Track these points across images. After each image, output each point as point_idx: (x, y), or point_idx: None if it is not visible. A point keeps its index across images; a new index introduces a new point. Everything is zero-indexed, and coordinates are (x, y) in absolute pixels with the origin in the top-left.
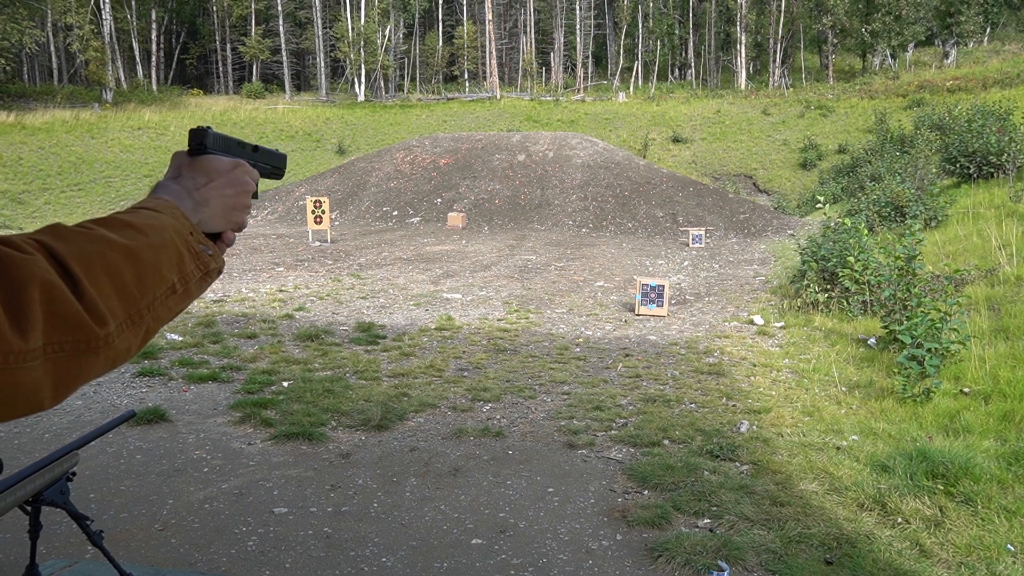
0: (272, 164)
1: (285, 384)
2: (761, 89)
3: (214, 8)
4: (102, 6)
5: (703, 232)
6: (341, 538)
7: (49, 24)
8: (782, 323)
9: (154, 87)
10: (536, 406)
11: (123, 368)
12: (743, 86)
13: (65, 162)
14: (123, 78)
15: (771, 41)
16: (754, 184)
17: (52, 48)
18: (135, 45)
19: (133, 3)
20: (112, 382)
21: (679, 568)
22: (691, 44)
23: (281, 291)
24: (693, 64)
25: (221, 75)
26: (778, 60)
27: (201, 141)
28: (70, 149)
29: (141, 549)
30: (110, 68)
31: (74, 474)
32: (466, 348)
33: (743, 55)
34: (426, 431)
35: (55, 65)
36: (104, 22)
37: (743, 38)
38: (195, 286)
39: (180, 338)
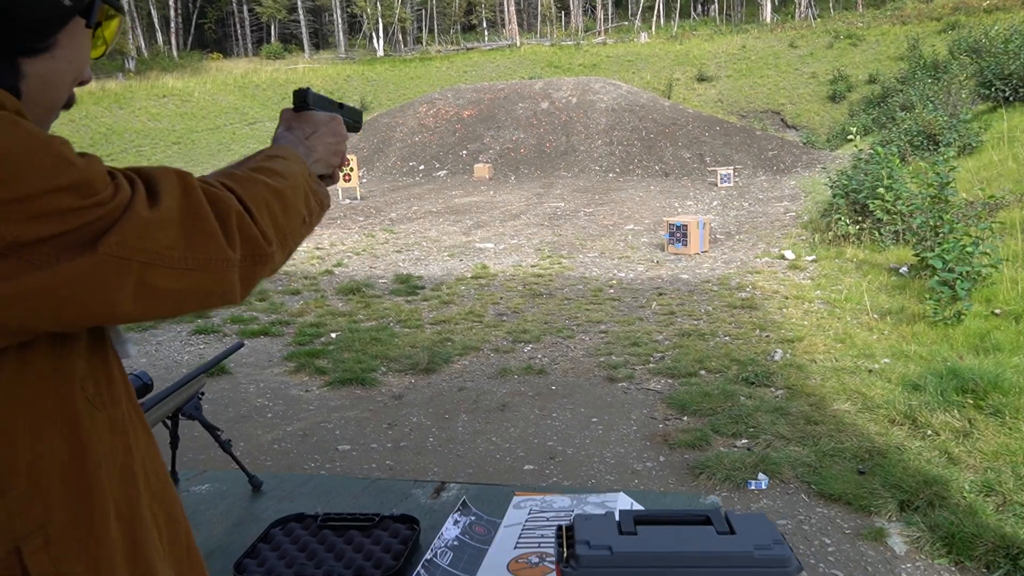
0: (353, 119)
1: (333, 335)
2: (787, 21)
3: None
4: None
5: (731, 171)
6: (403, 469)
7: None
8: (813, 256)
9: (175, 53)
10: (575, 345)
11: (179, 328)
12: (768, 19)
13: (96, 134)
14: (143, 46)
15: None
16: (782, 120)
17: None
18: (153, 12)
19: None
20: (171, 340)
21: (720, 483)
22: None
23: (318, 249)
24: None
25: (240, 37)
26: None
27: (304, 99)
28: (99, 120)
29: None
30: (130, 36)
31: (203, 394)
32: (503, 294)
33: None
34: (472, 372)
35: None
36: None
37: None
38: (316, 218)
39: None
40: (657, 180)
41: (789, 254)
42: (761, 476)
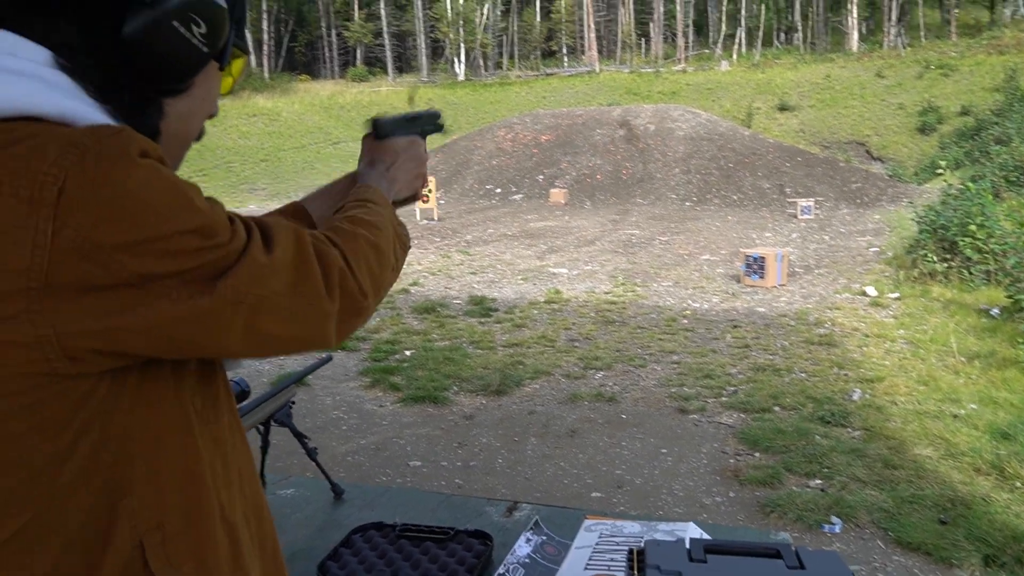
0: (432, 123)
1: (408, 353)
2: (875, 50)
3: None
4: None
5: (812, 203)
6: (472, 488)
7: None
8: (897, 294)
9: (266, 75)
10: (647, 374)
11: None
12: (855, 48)
13: (191, 150)
14: None
15: None
16: (867, 151)
17: None
18: (248, 35)
19: None
20: None
21: (791, 523)
22: (798, 6)
23: None
24: (800, 27)
25: (327, 60)
26: (893, 18)
27: (379, 128)
28: None
29: None
30: None
31: (294, 403)
32: (575, 320)
33: (855, 15)
34: (542, 396)
35: None
36: None
37: None
38: (401, 262)
39: None
40: (735, 210)
41: (871, 291)
42: (835, 519)
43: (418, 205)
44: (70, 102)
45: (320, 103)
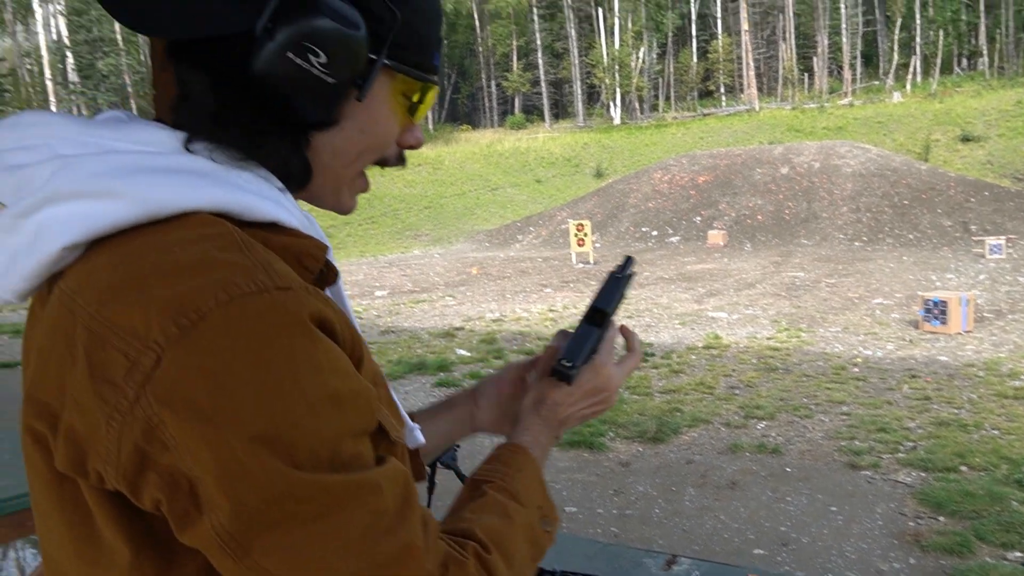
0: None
1: None
2: None
3: (480, 49)
4: None
5: (1003, 241)
6: (628, 538)
7: None
8: None
9: (430, 126)
10: (813, 425)
11: (423, 380)
12: None
13: (360, 199)
14: None
15: None
16: None
17: None
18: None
19: None
20: (416, 391)
21: None
22: (983, 29)
23: (551, 311)
24: (986, 51)
25: (487, 110)
26: None
27: (564, 374)
28: None
29: None
30: None
31: (459, 446)
32: (735, 366)
33: None
34: (701, 445)
35: None
36: None
37: None
38: (540, 555)
39: (468, 353)
40: (911, 250)
41: None
42: None
43: (573, 248)
44: (220, 191)
45: (480, 151)
